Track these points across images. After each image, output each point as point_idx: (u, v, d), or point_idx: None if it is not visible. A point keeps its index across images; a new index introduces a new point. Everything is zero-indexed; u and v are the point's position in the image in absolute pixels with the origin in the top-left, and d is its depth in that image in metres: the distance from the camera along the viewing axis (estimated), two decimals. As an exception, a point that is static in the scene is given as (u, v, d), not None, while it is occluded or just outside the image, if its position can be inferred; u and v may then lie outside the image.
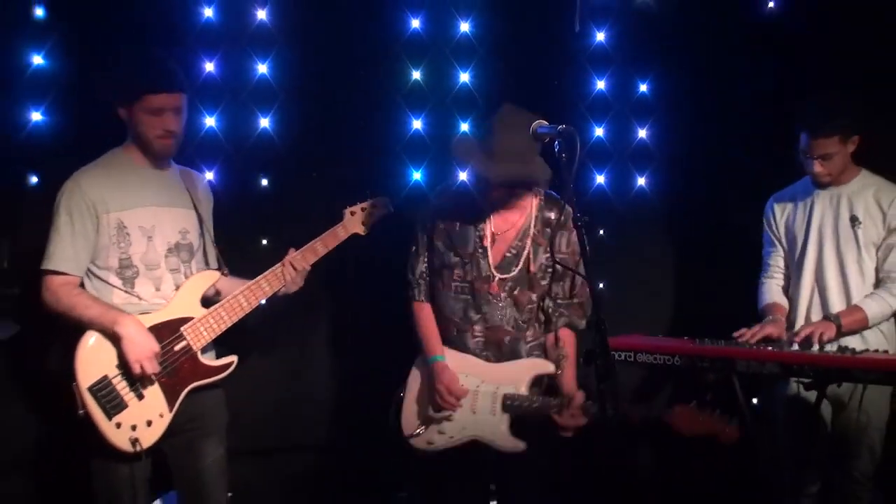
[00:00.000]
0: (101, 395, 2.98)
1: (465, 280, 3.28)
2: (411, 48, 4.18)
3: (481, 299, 3.26)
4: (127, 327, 2.97)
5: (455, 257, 3.28)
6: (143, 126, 3.07)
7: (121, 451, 3.00)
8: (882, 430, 3.63)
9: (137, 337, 2.98)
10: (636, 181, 4.56)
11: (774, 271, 3.88)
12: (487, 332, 3.28)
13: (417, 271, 3.39)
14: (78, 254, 3.05)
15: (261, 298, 3.23)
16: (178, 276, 3.20)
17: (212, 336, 3.16)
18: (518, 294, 3.27)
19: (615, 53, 4.48)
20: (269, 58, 3.95)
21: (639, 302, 4.49)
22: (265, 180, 4.02)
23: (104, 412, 2.98)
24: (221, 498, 3.31)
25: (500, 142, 3.05)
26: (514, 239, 3.26)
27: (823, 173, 3.61)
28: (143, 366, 2.97)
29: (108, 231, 3.07)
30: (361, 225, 3.40)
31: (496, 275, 3.25)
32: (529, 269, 3.26)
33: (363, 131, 4.10)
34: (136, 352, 2.97)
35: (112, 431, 2.98)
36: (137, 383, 3.03)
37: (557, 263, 3.21)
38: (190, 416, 3.16)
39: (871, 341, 3.53)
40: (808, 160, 3.62)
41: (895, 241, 3.57)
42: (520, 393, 3.20)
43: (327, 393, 4.19)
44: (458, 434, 3.26)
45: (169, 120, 3.06)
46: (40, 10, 3.62)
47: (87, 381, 2.97)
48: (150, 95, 3.02)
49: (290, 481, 4.11)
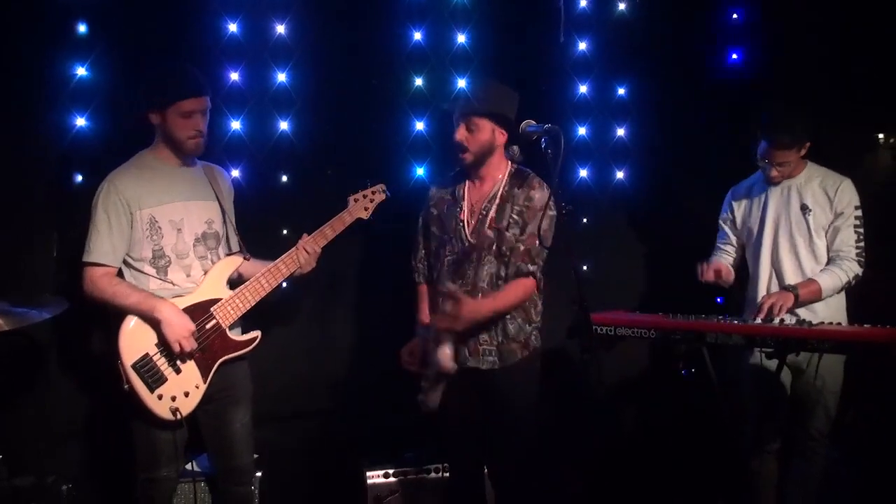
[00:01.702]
0: (144, 371, 3.03)
1: (453, 252, 3.33)
2: (414, 58, 4.19)
3: (464, 265, 3.30)
4: (165, 312, 3.01)
5: (445, 236, 3.36)
6: (176, 128, 3.10)
7: (163, 419, 3.06)
8: (836, 394, 3.63)
9: (175, 319, 3.02)
10: (615, 174, 4.56)
11: (724, 253, 3.91)
12: (466, 294, 3.25)
13: (417, 256, 3.51)
14: (115, 247, 3.09)
15: (279, 279, 3.26)
16: (206, 263, 3.23)
17: (238, 314, 3.20)
18: (495, 250, 3.29)
19: (596, 61, 4.47)
20: (287, 67, 3.99)
21: (618, 281, 4.50)
22: (285, 177, 4.05)
23: (147, 386, 3.03)
24: (248, 458, 3.36)
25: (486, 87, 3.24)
26: (484, 203, 3.31)
27: (779, 177, 3.66)
28: (182, 344, 3.02)
29: (141, 226, 3.11)
30: (364, 210, 3.42)
31: (472, 241, 3.29)
32: (493, 224, 3.28)
33: (372, 132, 4.13)
34: (176, 332, 3.01)
35: (154, 402, 3.04)
36: (175, 359, 3.08)
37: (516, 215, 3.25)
38: (221, 387, 3.21)
39: (822, 315, 3.53)
40: (766, 165, 3.64)
41: (841, 223, 3.59)
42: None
43: (342, 364, 4.22)
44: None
45: (198, 121, 3.11)
46: (83, 27, 3.69)
47: (131, 359, 3.02)
48: (182, 101, 3.06)
49: (309, 443, 4.16)
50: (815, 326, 3.29)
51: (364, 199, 3.43)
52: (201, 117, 3.12)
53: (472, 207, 3.34)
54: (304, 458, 4.12)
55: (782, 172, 3.62)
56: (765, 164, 3.64)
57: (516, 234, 3.24)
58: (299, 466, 4.09)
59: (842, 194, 3.59)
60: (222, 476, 3.35)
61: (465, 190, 3.37)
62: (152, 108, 3.09)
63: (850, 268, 3.54)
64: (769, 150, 3.59)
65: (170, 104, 3.06)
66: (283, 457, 3.98)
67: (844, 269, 3.54)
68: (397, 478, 3.81)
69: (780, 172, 3.62)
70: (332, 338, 4.19)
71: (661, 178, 4.56)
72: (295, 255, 3.27)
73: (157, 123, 3.12)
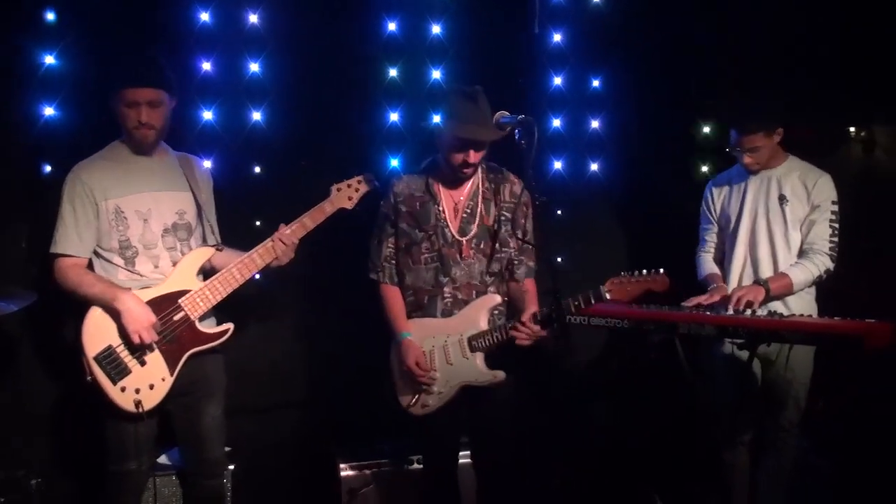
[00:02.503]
0: (107, 363, 3.00)
1: (433, 250, 3.30)
2: (388, 48, 4.17)
3: (450, 263, 3.28)
4: (125, 302, 2.98)
5: (421, 233, 3.31)
6: (122, 117, 3.07)
7: (126, 411, 3.02)
8: (806, 385, 3.66)
9: (135, 310, 2.99)
10: (590, 167, 4.56)
11: (710, 246, 3.93)
12: (455, 291, 3.29)
13: (383, 255, 3.39)
14: (82, 238, 3.07)
15: (253, 271, 3.20)
16: (175, 254, 3.19)
17: (208, 306, 3.15)
18: (484, 247, 3.30)
19: (570, 53, 4.47)
20: (260, 57, 3.95)
21: (592, 272, 4.40)
22: (258, 168, 4.01)
23: (109, 378, 3.00)
24: (219, 451, 3.33)
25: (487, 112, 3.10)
26: (466, 200, 3.30)
27: (752, 163, 3.67)
28: (142, 335, 2.98)
29: (107, 216, 3.09)
30: (348, 200, 3.33)
31: (460, 239, 3.27)
32: (485, 222, 3.28)
33: (346, 123, 4.09)
34: (135, 323, 2.97)
35: (118, 395, 3.00)
36: (139, 351, 3.04)
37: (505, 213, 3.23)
38: (191, 380, 3.17)
39: (794, 307, 3.55)
40: (738, 153, 3.67)
41: (817, 217, 3.61)
42: (480, 330, 3.24)
43: (316, 357, 4.18)
44: (446, 388, 3.28)
45: (140, 112, 3.03)
46: (51, 15, 3.62)
47: (93, 351, 3.00)
48: (126, 89, 3.01)
49: (283, 436, 4.13)
50: (785, 318, 3.32)
51: (348, 189, 3.33)
52: (148, 108, 3.04)
53: (454, 205, 3.31)
54: (278, 451, 4.09)
55: (756, 159, 3.65)
56: (737, 151, 3.67)
57: (517, 234, 3.28)
58: (273, 459, 4.06)
59: (820, 188, 3.61)
60: (193, 469, 3.31)
61: (440, 187, 3.33)
62: (109, 95, 3.06)
63: (822, 262, 3.56)
64: (737, 137, 3.63)
65: (116, 92, 3.02)
66: (257, 449, 3.96)
67: (816, 263, 3.56)
68: (371, 470, 3.80)
69: (754, 159, 3.64)
70: (307, 330, 4.16)
71: (635, 170, 4.57)
72: (271, 246, 3.21)
73: (114, 111, 3.08)
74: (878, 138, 4.27)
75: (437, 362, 3.28)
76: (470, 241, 3.28)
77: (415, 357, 3.24)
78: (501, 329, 3.19)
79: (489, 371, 3.24)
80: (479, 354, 3.24)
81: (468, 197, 3.31)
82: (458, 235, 3.28)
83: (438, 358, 3.28)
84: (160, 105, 3.07)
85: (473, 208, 3.29)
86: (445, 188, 3.33)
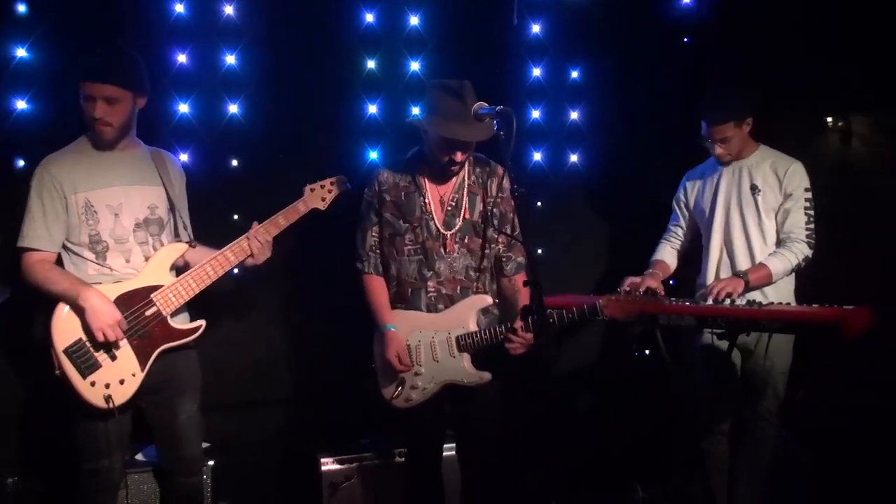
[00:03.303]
0: (76, 357, 2.96)
1: (416, 242, 3.27)
2: (367, 40, 4.14)
3: (434, 257, 3.26)
4: (89, 300, 2.94)
5: (405, 224, 3.28)
6: (82, 111, 3.03)
7: (96, 407, 2.98)
8: (785, 374, 3.68)
9: (99, 307, 2.95)
10: (569, 158, 4.56)
11: (673, 236, 3.98)
12: (440, 286, 3.27)
13: (367, 245, 3.35)
14: (50, 232, 3.03)
15: (226, 268, 3.18)
16: (147, 249, 3.15)
17: (180, 302, 3.12)
18: (469, 242, 3.28)
19: (549, 44, 4.46)
20: (237, 49, 3.90)
21: (572, 264, 4.51)
22: (235, 161, 3.97)
23: (79, 372, 2.96)
24: (196, 449, 3.29)
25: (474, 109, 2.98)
26: (451, 193, 3.27)
27: (724, 154, 3.69)
28: (106, 333, 2.94)
29: (76, 210, 3.04)
30: (321, 200, 3.33)
31: (445, 232, 3.24)
32: (470, 216, 3.26)
33: (324, 115, 4.06)
34: (99, 321, 2.94)
35: (87, 389, 2.97)
36: (109, 346, 3.00)
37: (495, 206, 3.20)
38: (165, 377, 3.14)
39: (772, 296, 3.56)
40: (709, 144, 3.69)
41: (790, 205, 3.62)
42: (469, 331, 3.21)
43: (296, 352, 4.15)
44: (431, 384, 3.27)
45: (97, 107, 2.98)
46: (23, 7, 3.57)
47: (63, 344, 2.96)
48: (84, 83, 2.98)
49: (263, 432, 4.10)
50: (764, 307, 3.33)
51: (321, 190, 3.34)
52: (104, 104, 2.98)
53: (439, 198, 3.28)
54: (259, 448, 4.06)
55: (727, 149, 3.66)
56: (708, 143, 3.69)
57: (504, 230, 3.25)
58: (253, 455, 4.03)
59: (791, 176, 3.63)
60: (170, 467, 3.27)
61: (426, 179, 3.29)
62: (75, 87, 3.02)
63: (800, 249, 3.57)
64: (707, 128, 3.65)
65: (77, 86, 2.98)
66: (237, 446, 3.91)
67: (794, 252, 3.57)
68: (352, 464, 3.77)
69: (725, 149, 3.66)
70: (286, 326, 4.13)
71: (614, 161, 4.58)
72: (245, 244, 3.19)
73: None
74: (854, 128, 4.28)
75: (424, 357, 3.26)
76: (454, 236, 3.26)
77: (396, 350, 3.22)
78: (492, 333, 3.17)
79: (476, 372, 3.22)
80: (466, 355, 3.23)
81: (453, 190, 3.28)
82: (442, 229, 3.25)
83: (425, 353, 3.26)
84: (118, 102, 3.01)
85: (459, 201, 3.27)
86: (431, 180, 3.29)
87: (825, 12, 4.09)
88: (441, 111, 3.09)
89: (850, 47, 4.05)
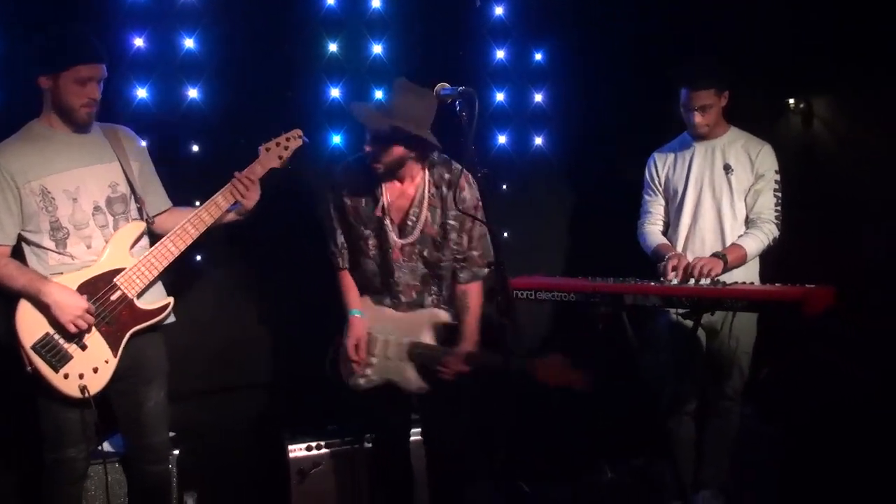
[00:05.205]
0: (45, 351, 2.91)
1: (378, 248, 3.27)
2: (328, 23, 4.07)
3: (391, 265, 3.26)
4: (51, 295, 2.88)
5: (366, 230, 3.26)
6: (69, 95, 2.94)
7: (72, 398, 2.95)
8: (749, 353, 3.72)
9: (63, 300, 2.89)
10: (534, 140, 4.55)
11: (655, 218, 3.91)
12: (399, 293, 3.30)
13: (338, 242, 3.35)
14: (3, 225, 2.95)
15: (188, 242, 3.10)
16: (108, 232, 3.09)
17: (145, 282, 3.07)
18: (428, 255, 3.27)
19: (512, 26, 4.43)
20: (195, 33, 3.82)
21: (538, 247, 4.51)
22: (196, 146, 3.89)
23: (51, 366, 2.91)
24: (162, 436, 3.26)
25: (398, 104, 3.03)
26: (412, 207, 3.22)
27: (702, 123, 3.66)
28: (77, 324, 2.90)
29: (33, 198, 2.96)
30: (278, 159, 3.21)
31: (399, 241, 3.22)
32: (429, 231, 3.23)
33: (286, 100, 3.99)
34: (66, 314, 2.89)
35: (61, 382, 2.92)
36: (78, 335, 2.95)
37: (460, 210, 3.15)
38: (131, 364, 3.09)
39: (737, 275, 3.58)
40: (688, 113, 3.67)
41: (762, 186, 3.64)
42: (422, 342, 3.26)
43: (262, 338, 4.11)
44: (377, 377, 3.33)
45: (94, 89, 2.96)
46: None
47: (30, 341, 2.91)
48: (80, 66, 2.91)
49: (229, 419, 4.05)
50: (728, 286, 3.35)
51: (278, 148, 3.21)
52: (97, 85, 2.97)
53: (397, 209, 3.24)
54: (224, 435, 4.01)
55: (705, 119, 3.64)
56: (687, 112, 3.66)
57: (462, 242, 3.24)
58: (219, 443, 3.98)
59: (763, 158, 3.65)
60: (135, 455, 3.23)
61: (384, 188, 3.23)
62: (45, 71, 2.92)
63: (770, 230, 3.60)
64: (688, 95, 3.62)
65: (65, 69, 2.89)
66: (203, 434, 3.87)
67: (765, 232, 3.60)
68: (320, 451, 3.75)
69: (703, 119, 3.64)
70: (253, 311, 4.08)
71: (579, 143, 4.56)
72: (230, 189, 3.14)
73: (48, 88, 2.94)
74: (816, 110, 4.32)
75: (378, 350, 3.31)
76: (412, 246, 3.24)
77: (356, 338, 3.27)
78: (439, 354, 3.22)
79: (417, 380, 3.27)
80: (412, 365, 3.26)
81: (413, 201, 3.22)
82: (398, 239, 3.24)
83: (380, 348, 3.31)
84: (102, 81, 3.00)
85: (418, 216, 3.22)
86: (389, 189, 3.24)
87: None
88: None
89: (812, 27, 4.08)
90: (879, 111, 3.95)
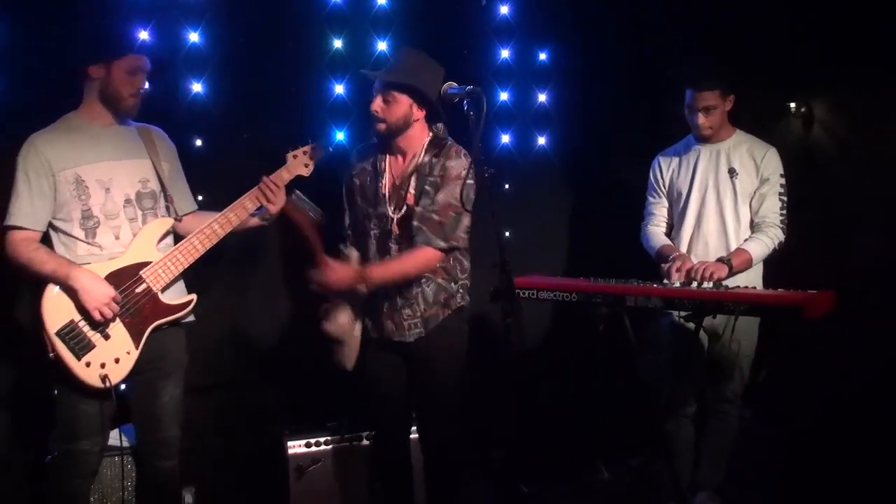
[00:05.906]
0: (69, 338, 2.92)
1: (378, 227, 3.24)
2: (333, 19, 4.07)
3: (388, 241, 3.22)
4: (80, 280, 2.90)
5: (370, 208, 3.25)
6: (119, 84, 3.01)
7: (92, 387, 2.95)
8: (751, 357, 3.71)
9: (92, 286, 2.91)
10: (537, 140, 4.55)
11: (659, 220, 3.89)
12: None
13: (346, 224, 3.37)
14: (36, 210, 2.97)
15: (214, 240, 3.14)
16: (136, 226, 3.12)
17: (170, 277, 3.10)
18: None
19: (517, 25, 4.44)
20: (200, 27, 3.81)
21: (540, 246, 4.52)
22: (199, 141, 3.88)
23: (73, 353, 2.92)
24: (174, 431, 3.25)
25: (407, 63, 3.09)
26: (404, 177, 3.22)
27: (706, 125, 3.65)
28: (102, 311, 2.91)
29: (66, 186, 2.99)
30: (304, 167, 3.29)
31: (393, 216, 3.21)
32: (411, 201, 3.18)
33: (290, 95, 4.00)
34: (94, 300, 2.90)
35: (83, 370, 2.93)
36: (102, 325, 2.96)
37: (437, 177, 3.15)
38: (150, 357, 3.10)
39: (739, 279, 3.57)
40: (692, 114, 3.66)
41: (767, 190, 3.63)
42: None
43: (262, 334, 4.11)
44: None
45: (141, 79, 3.06)
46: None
47: (55, 327, 2.91)
48: (132, 56, 3.01)
49: (228, 416, 4.05)
50: (730, 290, 3.35)
51: (304, 155, 3.29)
52: (143, 76, 3.06)
53: (393, 182, 3.24)
54: (223, 431, 4.01)
55: (710, 121, 3.63)
56: (692, 113, 3.65)
57: (427, 205, 3.13)
58: (218, 440, 3.98)
59: (768, 161, 3.63)
60: (147, 449, 3.22)
61: (387, 163, 3.26)
62: (97, 61, 2.97)
63: (775, 234, 3.59)
64: (692, 96, 3.62)
65: (117, 58, 2.96)
66: (202, 430, 3.86)
67: (770, 237, 3.58)
68: (319, 447, 3.74)
69: (708, 120, 3.63)
70: (251, 307, 4.07)
71: (582, 143, 4.58)
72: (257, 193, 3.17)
73: (98, 77, 2.99)
74: (816, 113, 4.33)
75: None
76: (402, 220, 3.20)
77: None
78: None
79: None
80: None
81: (405, 174, 3.21)
82: (391, 214, 3.21)
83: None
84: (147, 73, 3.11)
85: (407, 186, 3.19)
86: (391, 164, 3.26)
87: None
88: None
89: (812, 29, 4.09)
90: (880, 112, 3.96)
